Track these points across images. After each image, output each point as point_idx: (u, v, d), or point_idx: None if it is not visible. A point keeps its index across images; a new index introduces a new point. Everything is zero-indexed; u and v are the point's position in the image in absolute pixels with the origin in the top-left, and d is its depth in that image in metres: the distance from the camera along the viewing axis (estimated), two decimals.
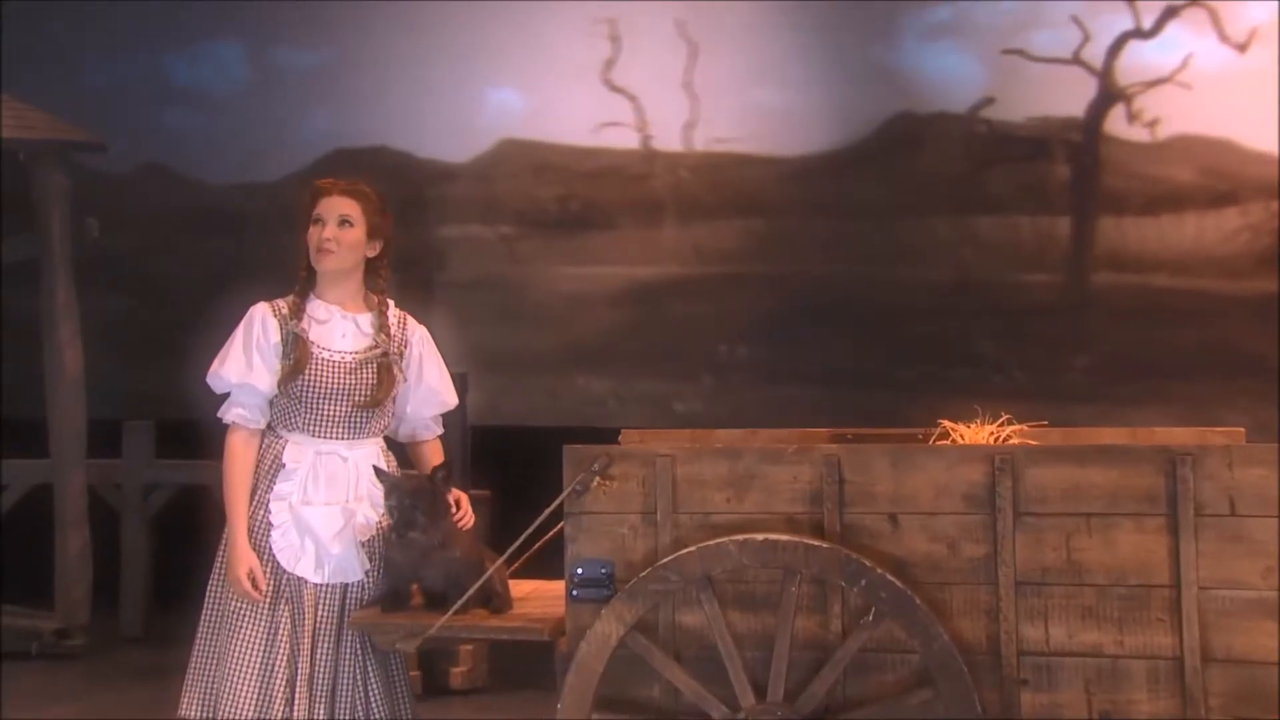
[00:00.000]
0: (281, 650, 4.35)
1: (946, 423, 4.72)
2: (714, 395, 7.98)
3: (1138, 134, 7.76)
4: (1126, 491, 3.93)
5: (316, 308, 4.59)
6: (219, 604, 4.48)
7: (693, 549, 4.01)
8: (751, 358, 8.05)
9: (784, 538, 3.98)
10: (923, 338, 7.85)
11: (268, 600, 4.39)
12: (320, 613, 4.41)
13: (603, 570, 4.13)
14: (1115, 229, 7.73)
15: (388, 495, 4.34)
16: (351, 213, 4.57)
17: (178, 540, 8.19)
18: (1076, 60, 7.83)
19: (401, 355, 4.62)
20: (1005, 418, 4.66)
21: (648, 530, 4.13)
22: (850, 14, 8.03)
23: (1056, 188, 7.88)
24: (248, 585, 4.32)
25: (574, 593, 4.14)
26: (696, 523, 4.11)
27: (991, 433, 4.67)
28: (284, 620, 4.38)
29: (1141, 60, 7.77)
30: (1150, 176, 7.71)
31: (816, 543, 3.97)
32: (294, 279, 4.70)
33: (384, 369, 4.54)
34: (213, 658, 4.44)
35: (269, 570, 4.40)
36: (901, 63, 8.06)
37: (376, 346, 4.56)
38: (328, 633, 4.41)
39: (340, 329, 4.57)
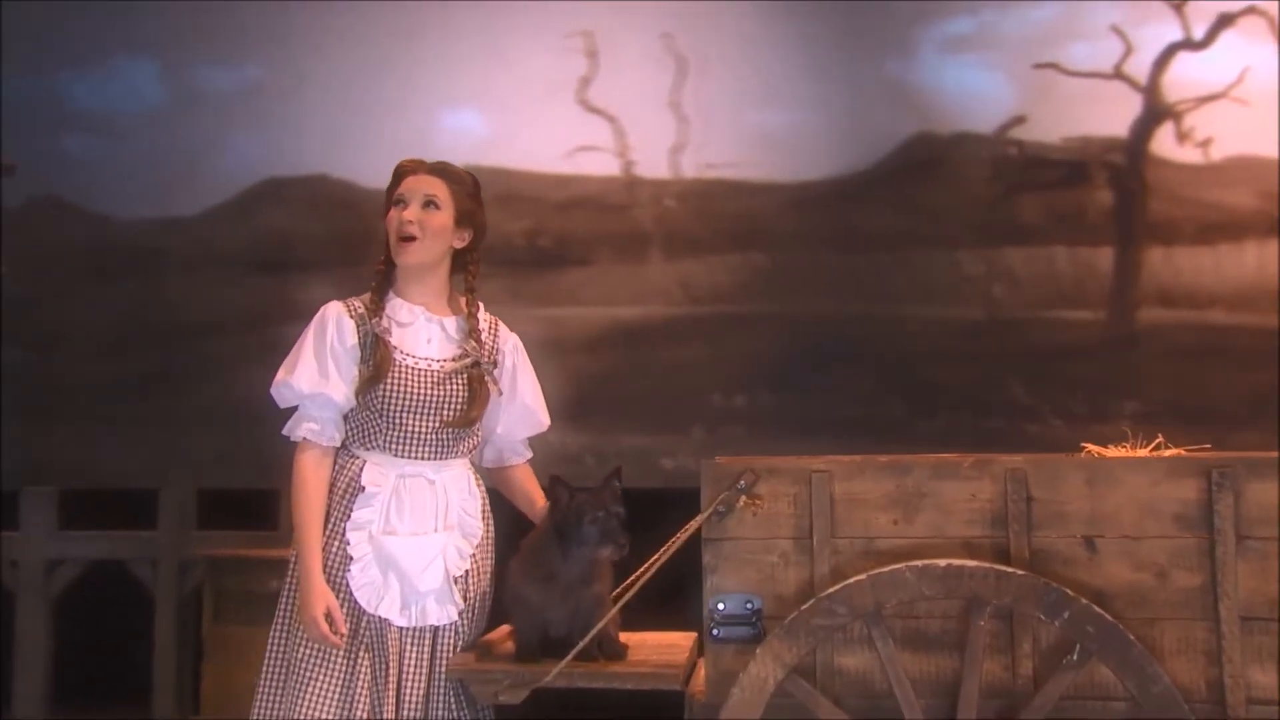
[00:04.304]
0: (360, 705, 3.93)
1: (1091, 446, 4.40)
2: (707, 450, 7.53)
3: (1189, 155, 7.57)
4: None
5: (397, 308, 4.22)
6: (285, 653, 4.04)
7: (863, 577, 3.66)
8: (751, 407, 7.69)
9: (970, 564, 3.64)
10: (948, 384, 7.55)
11: (345, 646, 3.93)
12: (407, 661, 4.00)
13: (748, 605, 3.78)
14: (1165, 260, 7.52)
15: (583, 511, 3.92)
16: (439, 194, 4.21)
17: (85, 625, 7.69)
18: (1118, 74, 7.65)
19: (495, 365, 4.23)
20: (1159, 439, 4.35)
21: (801, 558, 3.79)
22: (860, 25, 7.78)
23: (1097, 215, 7.64)
24: (325, 627, 3.88)
25: (715, 632, 3.80)
26: (858, 549, 3.78)
27: (1145, 458, 4.36)
28: (364, 670, 3.96)
29: (1192, 74, 7.61)
30: (1203, 202, 7.52)
31: (1009, 570, 3.61)
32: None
33: (476, 381, 4.16)
34: (278, 717, 3.97)
35: (346, 611, 3.96)
36: (919, 79, 7.80)
37: (466, 355, 4.18)
38: (415, 684, 3.99)
39: (425, 333, 4.20)
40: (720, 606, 3.80)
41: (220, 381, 7.93)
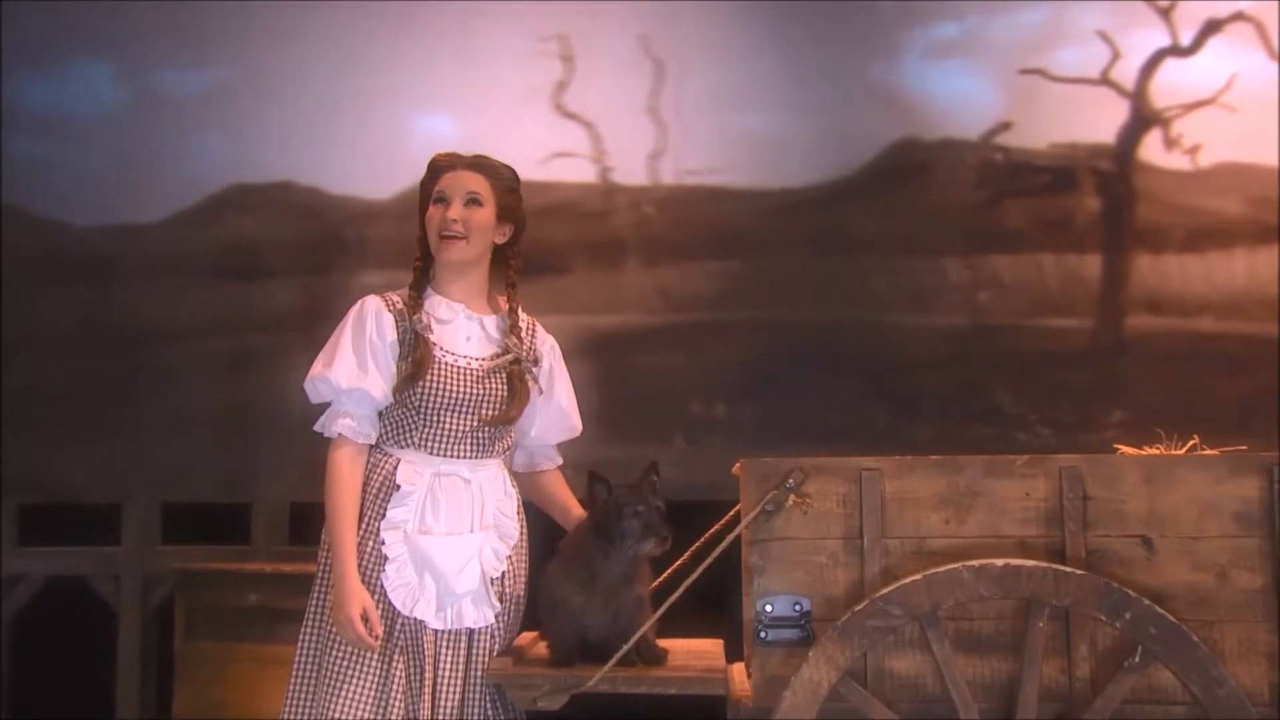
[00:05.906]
0: (395, 709, 3.87)
1: (1124, 448, 4.40)
2: (688, 460, 7.49)
3: (1177, 161, 7.56)
4: None
5: (436, 304, 4.16)
6: (317, 656, 3.95)
7: (918, 577, 3.63)
8: (732, 416, 7.61)
9: (1029, 564, 3.62)
10: (933, 391, 7.50)
11: (379, 649, 3.87)
12: (442, 664, 3.93)
13: (797, 607, 3.74)
14: (1153, 267, 7.52)
15: (623, 505, 3.86)
16: (481, 190, 4.16)
17: (43, 642, 7.57)
18: (1105, 80, 7.64)
19: (535, 364, 4.19)
20: (1194, 440, 4.35)
21: (850, 559, 3.76)
22: (844, 29, 7.72)
23: (1084, 222, 7.61)
24: (361, 628, 3.81)
25: (763, 634, 3.75)
26: (909, 549, 3.76)
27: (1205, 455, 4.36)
28: (398, 674, 3.90)
29: (1180, 80, 7.59)
30: (1192, 209, 7.53)
31: (1069, 570, 3.60)
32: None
33: (516, 379, 4.12)
34: None
35: (381, 612, 3.91)
36: (904, 84, 7.75)
37: (507, 353, 4.13)
38: (451, 688, 3.93)
39: (465, 331, 4.15)
40: (768, 608, 3.76)
41: (184, 392, 7.80)
